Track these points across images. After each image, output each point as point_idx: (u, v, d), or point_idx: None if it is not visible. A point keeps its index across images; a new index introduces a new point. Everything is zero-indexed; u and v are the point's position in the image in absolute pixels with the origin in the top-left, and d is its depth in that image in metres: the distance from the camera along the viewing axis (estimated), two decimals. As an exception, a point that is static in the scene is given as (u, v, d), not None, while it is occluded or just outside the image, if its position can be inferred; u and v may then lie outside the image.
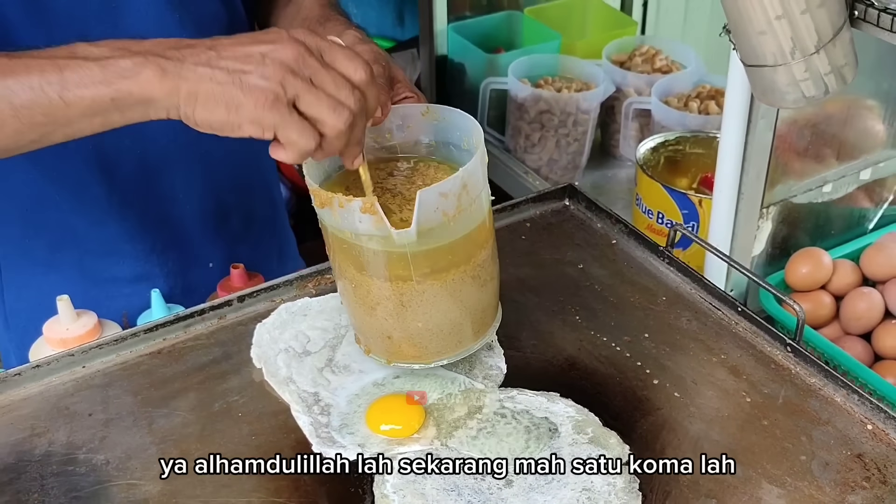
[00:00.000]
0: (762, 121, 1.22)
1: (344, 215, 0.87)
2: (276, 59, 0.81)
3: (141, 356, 1.03)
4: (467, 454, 0.91)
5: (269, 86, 0.80)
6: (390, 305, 0.92)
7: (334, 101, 0.82)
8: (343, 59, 0.84)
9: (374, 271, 0.90)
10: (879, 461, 0.90)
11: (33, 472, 0.89)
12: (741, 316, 1.06)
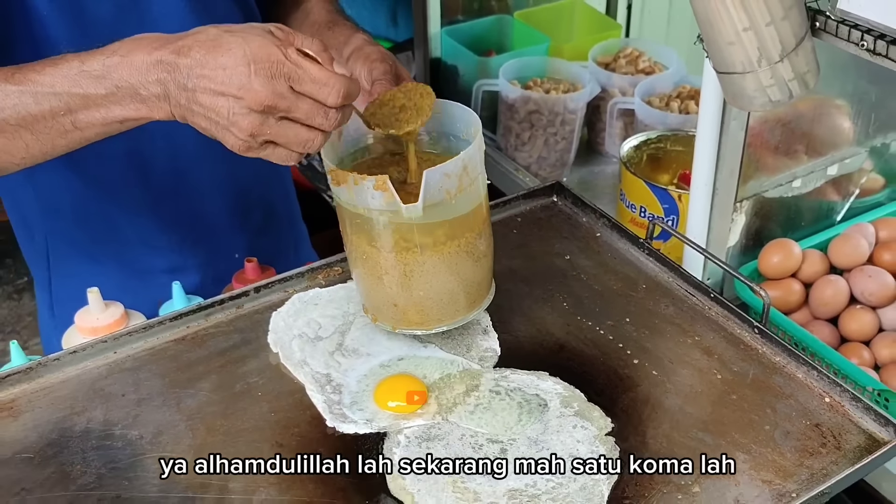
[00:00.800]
0: (734, 122, 1.32)
1: (358, 192, 0.97)
2: (244, 110, 0.87)
3: (167, 342, 1.12)
4: (466, 427, 1.01)
5: (243, 139, 0.89)
6: (396, 275, 1.03)
7: (306, 130, 0.89)
8: (313, 86, 0.88)
9: (382, 244, 1.01)
10: (835, 430, 1.00)
11: (75, 446, 0.99)
12: (714, 301, 1.16)
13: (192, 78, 0.89)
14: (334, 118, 0.90)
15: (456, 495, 0.93)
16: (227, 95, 0.88)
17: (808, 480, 0.94)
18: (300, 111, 0.89)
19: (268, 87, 0.87)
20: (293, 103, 0.88)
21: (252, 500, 0.93)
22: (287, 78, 0.88)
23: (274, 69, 0.87)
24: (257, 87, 0.87)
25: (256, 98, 0.87)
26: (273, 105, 0.88)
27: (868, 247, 1.48)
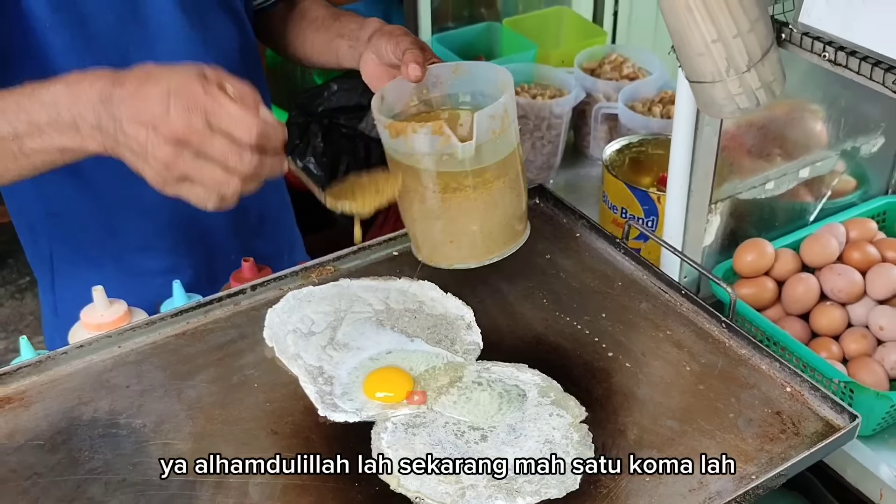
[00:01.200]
0: (707, 128, 1.38)
1: (416, 140, 1.09)
2: (159, 141, 0.89)
3: (168, 337, 1.19)
4: (449, 416, 1.07)
5: (158, 172, 0.92)
6: (452, 214, 1.16)
7: (222, 171, 0.91)
8: (229, 121, 0.89)
9: (440, 186, 1.14)
10: (795, 417, 1.07)
11: (83, 433, 1.06)
12: (685, 298, 1.23)
13: (121, 108, 0.91)
14: (249, 161, 0.91)
15: (439, 478, 0.99)
16: (146, 125, 0.90)
17: (767, 464, 1.01)
18: (214, 149, 0.90)
19: (183, 119, 0.89)
20: (207, 139, 0.90)
21: (249, 483, 1.00)
22: (204, 112, 0.90)
23: (191, 102, 0.89)
24: (173, 118, 0.89)
25: (171, 128, 0.89)
26: (186, 138, 0.90)
27: (838, 246, 1.55)
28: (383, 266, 1.31)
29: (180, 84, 0.90)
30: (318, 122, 2.47)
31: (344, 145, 2.48)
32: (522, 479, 0.99)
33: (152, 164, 0.91)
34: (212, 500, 0.98)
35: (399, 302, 1.24)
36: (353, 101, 2.46)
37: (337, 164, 2.46)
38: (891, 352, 1.41)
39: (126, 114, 0.91)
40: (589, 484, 0.99)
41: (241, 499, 0.98)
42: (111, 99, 0.92)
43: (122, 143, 0.93)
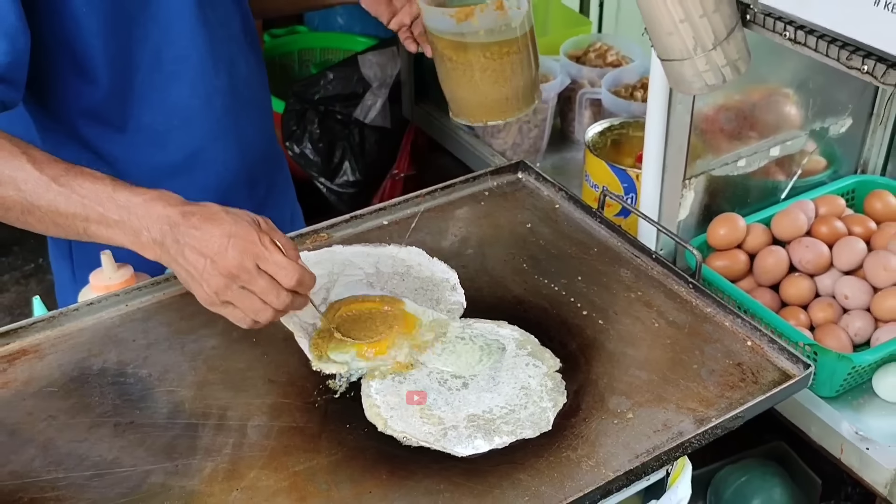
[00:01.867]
0: (680, 105, 1.47)
1: (482, 18, 1.40)
2: (215, 272, 1.07)
3: (172, 297, 1.27)
4: (433, 367, 1.16)
5: (208, 295, 1.09)
6: (495, 77, 1.45)
7: (261, 303, 1.08)
8: (274, 267, 1.07)
9: (487, 53, 1.43)
10: (754, 368, 1.15)
11: (93, 381, 1.14)
12: (655, 261, 1.31)
13: (185, 237, 1.08)
14: (285, 299, 1.09)
15: (423, 420, 1.08)
16: (205, 256, 1.07)
17: (726, 408, 1.09)
18: (258, 286, 1.08)
19: (237, 259, 1.06)
20: (254, 278, 1.07)
21: (247, 425, 1.08)
22: (255, 257, 1.07)
23: (246, 248, 1.07)
24: (229, 256, 1.06)
25: (226, 265, 1.06)
26: (237, 274, 1.07)
27: (807, 221, 1.63)
28: (373, 234, 1.39)
29: (240, 230, 1.07)
30: (314, 109, 2.55)
31: (339, 132, 2.56)
32: (500, 421, 1.08)
33: (205, 287, 1.08)
34: (213, 440, 1.06)
35: (388, 266, 1.32)
36: (347, 89, 2.54)
37: (332, 149, 2.55)
38: (854, 319, 1.50)
39: (190, 243, 1.07)
40: (561, 426, 1.08)
41: (239, 439, 1.06)
42: (178, 227, 1.08)
43: (180, 263, 1.09)
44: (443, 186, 1.46)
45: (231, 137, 1.47)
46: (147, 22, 1.31)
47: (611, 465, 1.03)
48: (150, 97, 1.37)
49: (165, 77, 1.36)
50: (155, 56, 1.35)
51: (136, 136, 1.38)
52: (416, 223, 1.41)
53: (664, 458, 1.03)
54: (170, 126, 1.40)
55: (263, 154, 1.57)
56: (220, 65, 1.42)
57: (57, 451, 1.05)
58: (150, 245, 1.11)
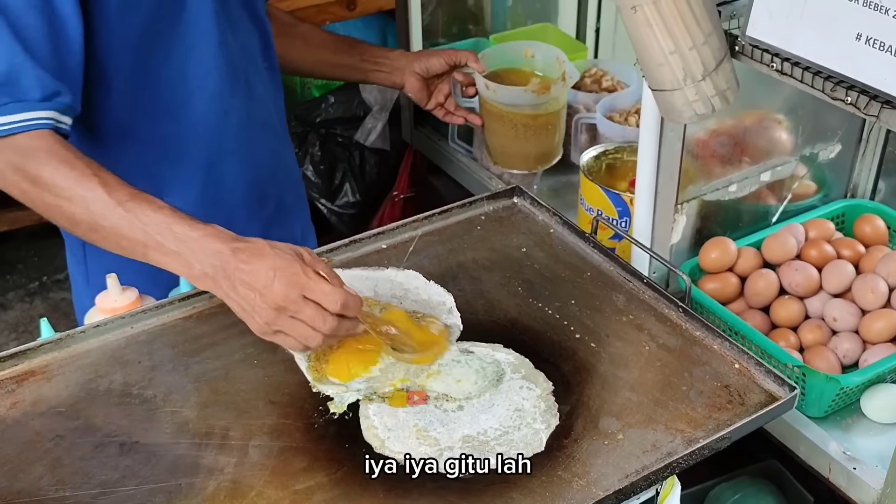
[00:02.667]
0: (671, 133, 1.50)
1: (515, 94, 1.89)
2: (264, 305, 1.13)
3: (176, 319, 1.31)
4: (430, 389, 1.19)
5: (260, 325, 1.16)
6: (544, 133, 1.94)
7: (310, 329, 1.14)
8: (320, 295, 1.13)
9: (533, 121, 1.91)
10: (741, 389, 1.19)
11: (99, 402, 1.18)
12: (646, 286, 1.35)
13: (235, 272, 1.16)
14: (332, 324, 1.14)
15: (419, 441, 1.11)
16: (254, 290, 1.14)
17: (713, 429, 1.13)
18: (305, 314, 1.13)
19: (283, 291, 1.13)
20: (300, 307, 1.13)
21: (249, 445, 1.12)
22: (300, 287, 1.13)
23: (291, 279, 1.13)
24: (276, 289, 1.13)
25: (273, 297, 1.13)
26: (284, 305, 1.13)
27: (797, 244, 1.66)
28: (372, 258, 1.43)
29: (284, 263, 1.14)
30: (315, 132, 2.59)
31: (340, 154, 2.60)
32: (494, 443, 1.11)
33: (257, 319, 1.16)
34: (215, 460, 1.10)
35: (387, 289, 1.36)
36: (348, 112, 2.59)
37: (333, 171, 2.59)
38: (843, 341, 1.53)
39: (240, 278, 1.15)
40: (554, 446, 1.11)
41: (241, 458, 1.10)
42: (229, 263, 1.16)
43: (232, 297, 1.17)
44: (440, 211, 1.50)
45: (243, 154, 1.53)
46: (174, 39, 1.37)
47: (601, 484, 1.06)
48: (170, 112, 1.42)
49: (188, 93, 1.42)
50: (179, 72, 1.41)
51: (151, 148, 1.43)
52: (414, 247, 1.44)
53: (653, 477, 1.07)
54: (186, 141, 1.46)
55: (274, 172, 1.63)
56: (238, 84, 1.48)
57: (63, 469, 1.08)
58: (202, 277, 1.18)
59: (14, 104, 1.24)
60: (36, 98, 1.25)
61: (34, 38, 1.24)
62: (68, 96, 1.28)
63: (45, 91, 1.26)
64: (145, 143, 1.45)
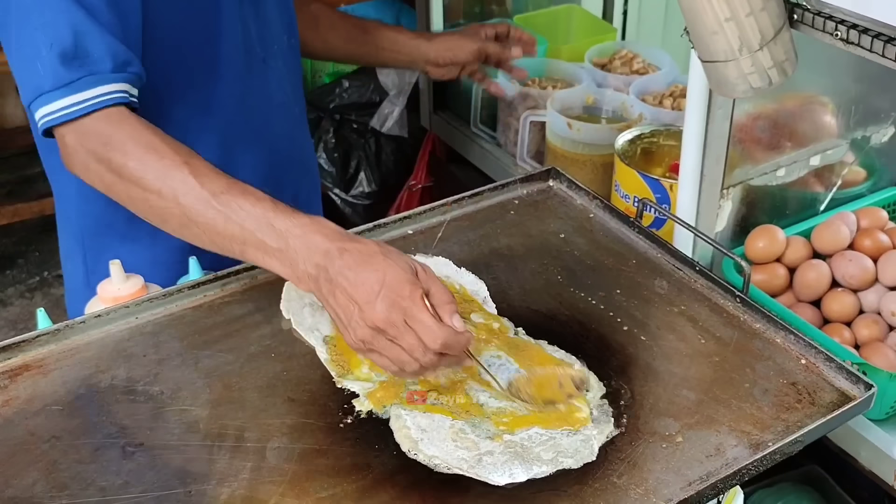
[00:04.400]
0: (720, 111, 1.39)
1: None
2: (362, 322, 1.01)
3: (185, 309, 1.20)
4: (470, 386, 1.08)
5: (354, 341, 1.03)
6: None
7: (408, 356, 1.01)
8: (422, 327, 1.00)
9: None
10: (810, 388, 1.07)
11: (100, 400, 1.07)
12: (699, 274, 1.24)
13: (338, 276, 1.02)
14: (431, 358, 1.01)
15: (456, 444, 1.00)
16: (355, 303, 1.01)
17: (783, 431, 1.01)
18: (405, 341, 1.00)
19: (385, 313, 1.00)
20: (401, 333, 1.00)
21: (266, 447, 1.00)
22: (403, 312, 1.00)
23: (397, 301, 1.00)
24: (378, 309, 1.00)
25: (373, 317, 1.00)
26: (384, 329, 1.00)
27: (849, 233, 1.55)
28: (397, 243, 1.32)
29: (393, 279, 1.01)
30: (329, 117, 2.48)
31: (355, 141, 2.50)
32: (538, 449, 1.00)
33: (351, 334, 1.03)
34: (229, 464, 0.98)
35: (414, 277, 1.24)
36: (364, 97, 2.48)
37: (348, 159, 2.48)
38: (902, 336, 1.42)
39: (342, 284, 1.02)
40: (606, 450, 1.00)
41: (258, 462, 0.99)
42: (333, 264, 1.03)
43: (331, 303, 1.04)
44: (470, 194, 1.39)
45: (259, 140, 1.40)
46: (197, 14, 1.25)
47: (661, 493, 0.95)
48: (188, 94, 1.31)
49: (207, 74, 1.31)
50: (199, 51, 1.30)
51: (167, 131, 1.32)
52: (443, 232, 1.33)
53: (720, 486, 0.96)
54: (203, 125, 1.34)
55: (290, 159, 1.51)
56: (255, 64, 1.37)
57: (60, 474, 0.97)
58: (303, 278, 1.06)
59: (88, 78, 1.12)
60: (108, 69, 1.13)
61: (95, 2, 1.13)
62: (137, 64, 1.17)
63: (116, 60, 1.14)
64: (159, 122, 1.33)
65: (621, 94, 1.93)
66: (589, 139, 1.79)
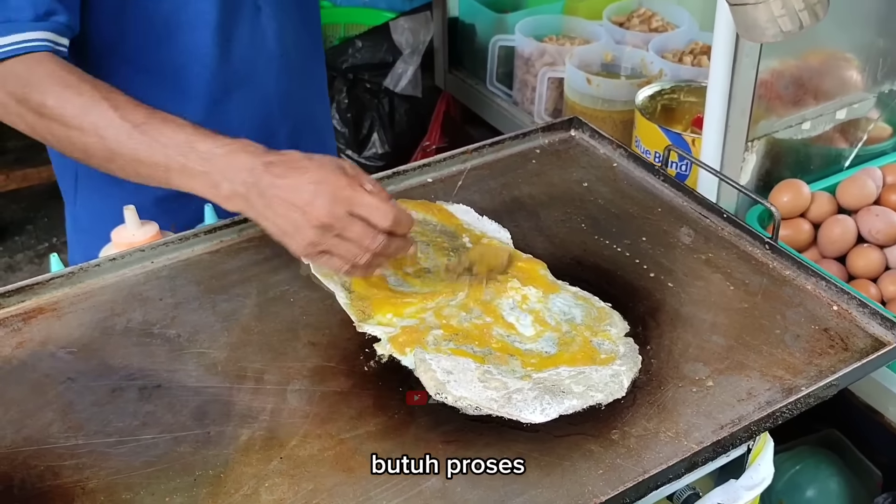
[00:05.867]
0: (746, 59, 1.36)
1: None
2: (307, 224, 0.99)
3: (201, 254, 1.17)
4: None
5: (303, 245, 1.01)
6: None
7: (356, 247, 1.01)
8: (367, 210, 1.00)
9: None
10: (843, 333, 1.05)
11: (116, 342, 1.04)
12: (726, 221, 1.21)
13: (271, 188, 1.01)
14: (381, 241, 1.01)
15: (483, 384, 0.97)
16: (296, 208, 1.00)
17: (816, 376, 0.98)
18: (353, 232, 1.00)
19: (328, 208, 0.99)
20: (347, 225, 1.00)
21: (287, 389, 0.98)
22: (345, 202, 0.99)
23: (335, 194, 0.99)
24: (319, 205, 0.99)
25: (317, 214, 0.99)
26: (330, 224, 0.99)
27: (875, 188, 1.52)
28: (417, 191, 1.29)
29: (326, 176, 1.00)
30: (342, 77, 2.45)
31: (368, 101, 2.46)
32: (569, 381, 0.97)
33: (299, 240, 1.01)
34: (249, 406, 0.96)
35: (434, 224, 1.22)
36: (377, 57, 2.44)
37: (361, 120, 2.44)
38: (930, 292, 1.39)
39: (277, 195, 1.01)
40: (634, 393, 0.97)
41: (278, 404, 0.96)
42: (261, 180, 1.01)
43: (268, 217, 1.02)
44: (491, 143, 1.36)
45: (249, 90, 1.37)
46: None
47: (692, 436, 0.92)
48: (171, 39, 1.27)
49: (190, 18, 1.26)
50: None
51: (146, 76, 1.29)
52: (464, 181, 1.30)
53: (753, 428, 0.93)
54: (189, 72, 1.31)
55: (286, 114, 1.46)
56: (244, 11, 1.33)
57: (77, 415, 0.95)
58: (233, 198, 1.04)
59: (5, 25, 1.11)
60: (28, 18, 1.12)
61: None
62: (64, 15, 1.15)
63: (37, 10, 1.12)
64: (138, 69, 1.30)
65: (640, 50, 1.90)
66: (608, 95, 1.76)
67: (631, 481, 0.87)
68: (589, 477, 0.88)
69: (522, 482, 0.88)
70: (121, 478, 0.88)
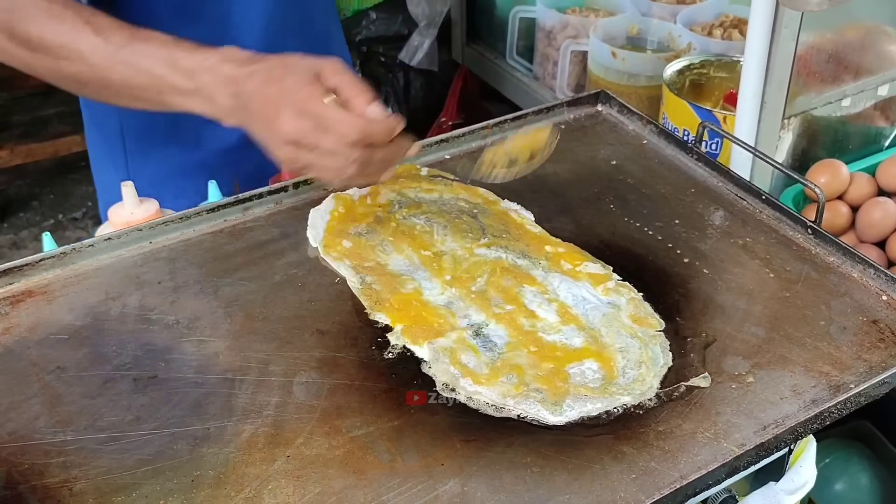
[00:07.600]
0: (786, 30, 1.28)
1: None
2: (277, 142, 0.96)
3: (203, 234, 1.10)
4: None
5: (280, 161, 0.99)
6: None
7: (334, 160, 0.96)
8: (333, 123, 0.94)
9: None
10: (894, 326, 0.97)
11: (110, 329, 0.97)
12: (765, 204, 1.13)
13: (250, 101, 0.98)
14: (361, 153, 0.96)
15: (500, 379, 0.90)
16: (265, 126, 0.97)
17: (866, 373, 0.91)
18: (326, 144, 0.95)
19: (293, 122, 0.95)
20: (318, 138, 0.95)
21: (293, 381, 0.91)
22: (311, 116, 0.95)
23: (299, 107, 0.95)
24: (285, 120, 0.95)
25: (284, 129, 0.96)
26: (299, 138, 0.96)
27: (918, 169, 1.44)
28: (435, 168, 1.22)
29: (292, 86, 0.96)
30: (356, 50, 2.37)
31: (382, 75, 2.38)
32: (592, 384, 0.90)
33: (276, 156, 0.99)
34: (252, 399, 0.89)
35: (452, 204, 1.14)
36: (392, 29, 2.36)
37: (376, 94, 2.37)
38: (977, 280, 1.31)
39: (254, 109, 0.98)
40: (670, 391, 0.89)
41: (284, 398, 0.89)
42: (244, 91, 0.98)
43: (255, 132, 0.99)
44: (513, 117, 1.28)
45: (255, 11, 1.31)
46: None
47: (733, 437, 0.84)
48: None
49: None
50: None
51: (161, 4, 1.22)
52: (483, 158, 1.22)
53: (799, 430, 0.85)
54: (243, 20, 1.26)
55: (283, 31, 1.35)
56: None
57: (65, 408, 0.88)
58: (229, 112, 1.00)
59: None
60: None
61: None
62: None
63: None
64: (189, 20, 1.24)
65: (667, 23, 1.81)
66: (634, 69, 1.68)
67: (667, 487, 0.79)
68: (621, 482, 0.80)
69: (548, 487, 0.80)
70: (112, 478, 0.81)
